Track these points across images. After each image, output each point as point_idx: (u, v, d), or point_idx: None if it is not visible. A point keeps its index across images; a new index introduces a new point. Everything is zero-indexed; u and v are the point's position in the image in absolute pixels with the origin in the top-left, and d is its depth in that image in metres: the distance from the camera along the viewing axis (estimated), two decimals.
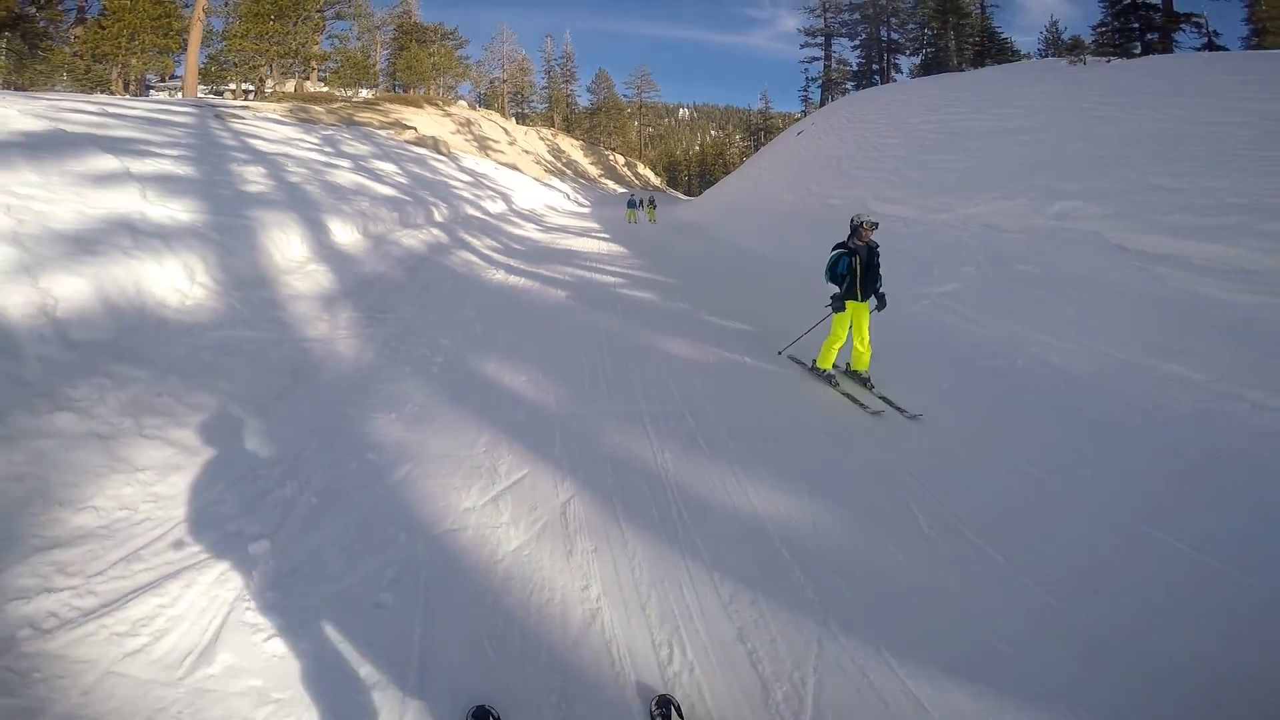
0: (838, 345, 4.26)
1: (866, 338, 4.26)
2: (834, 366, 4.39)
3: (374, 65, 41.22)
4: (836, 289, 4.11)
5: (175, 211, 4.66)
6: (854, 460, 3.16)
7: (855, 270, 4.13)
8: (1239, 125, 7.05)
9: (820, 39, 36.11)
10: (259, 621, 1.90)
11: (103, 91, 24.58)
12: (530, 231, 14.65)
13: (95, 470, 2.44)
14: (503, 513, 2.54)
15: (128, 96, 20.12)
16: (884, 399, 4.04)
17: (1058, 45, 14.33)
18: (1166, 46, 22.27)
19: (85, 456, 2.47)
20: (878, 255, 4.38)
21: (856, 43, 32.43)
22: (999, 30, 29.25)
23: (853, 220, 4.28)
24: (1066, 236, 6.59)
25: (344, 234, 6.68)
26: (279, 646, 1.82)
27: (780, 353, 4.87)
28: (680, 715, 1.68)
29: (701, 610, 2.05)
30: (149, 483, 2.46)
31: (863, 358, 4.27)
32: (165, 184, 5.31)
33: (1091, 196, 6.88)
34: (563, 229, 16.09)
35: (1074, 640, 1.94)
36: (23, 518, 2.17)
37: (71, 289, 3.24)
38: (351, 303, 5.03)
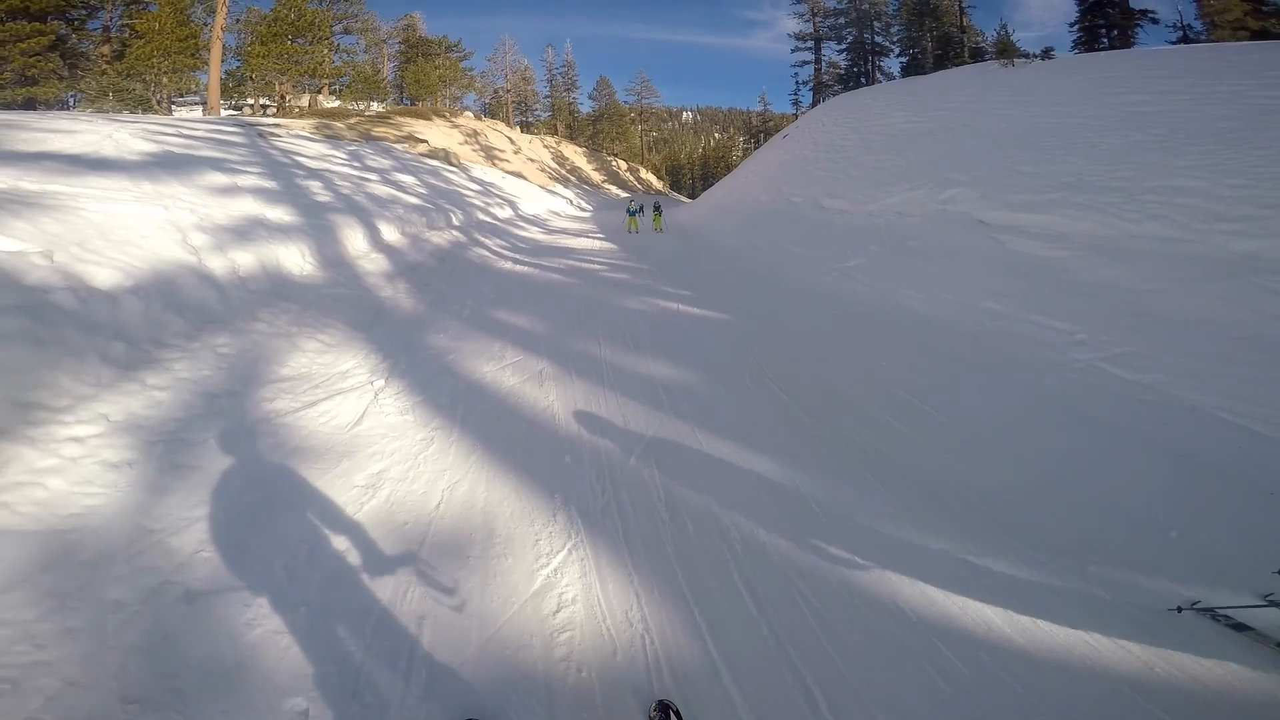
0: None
1: None
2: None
3: (383, 79, 43.63)
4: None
5: (280, 215, 6.80)
6: (724, 353, 5.15)
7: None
8: (1092, 117, 8.97)
9: (810, 43, 38.07)
10: (382, 409, 3.93)
11: (144, 110, 27.18)
12: (534, 233, 16.76)
13: (284, 350, 4.51)
14: (505, 372, 4.58)
15: (178, 116, 22.46)
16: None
17: (1005, 48, 16.08)
18: (1125, 42, 24.04)
19: (277, 343, 4.55)
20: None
21: (843, 46, 34.36)
22: (981, 32, 31.13)
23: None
24: (947, 217, 8.53)
25: (389, 233, 8.84)
26: (392, 420, 3.83)
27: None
28: (679, 718, 1.68)
29: (605, 404, 4.04)
30: (313, 357, 4.53)
31: None
32: (264, 194, 7.47)
33: (971, 183, 8.82)
34: (563, 231, 18.18)
35: (810, 431, 3.92)
36: (257, 369, 4.23)
37: (243, 260, 5.35)
38: (403, 278, 7.14)
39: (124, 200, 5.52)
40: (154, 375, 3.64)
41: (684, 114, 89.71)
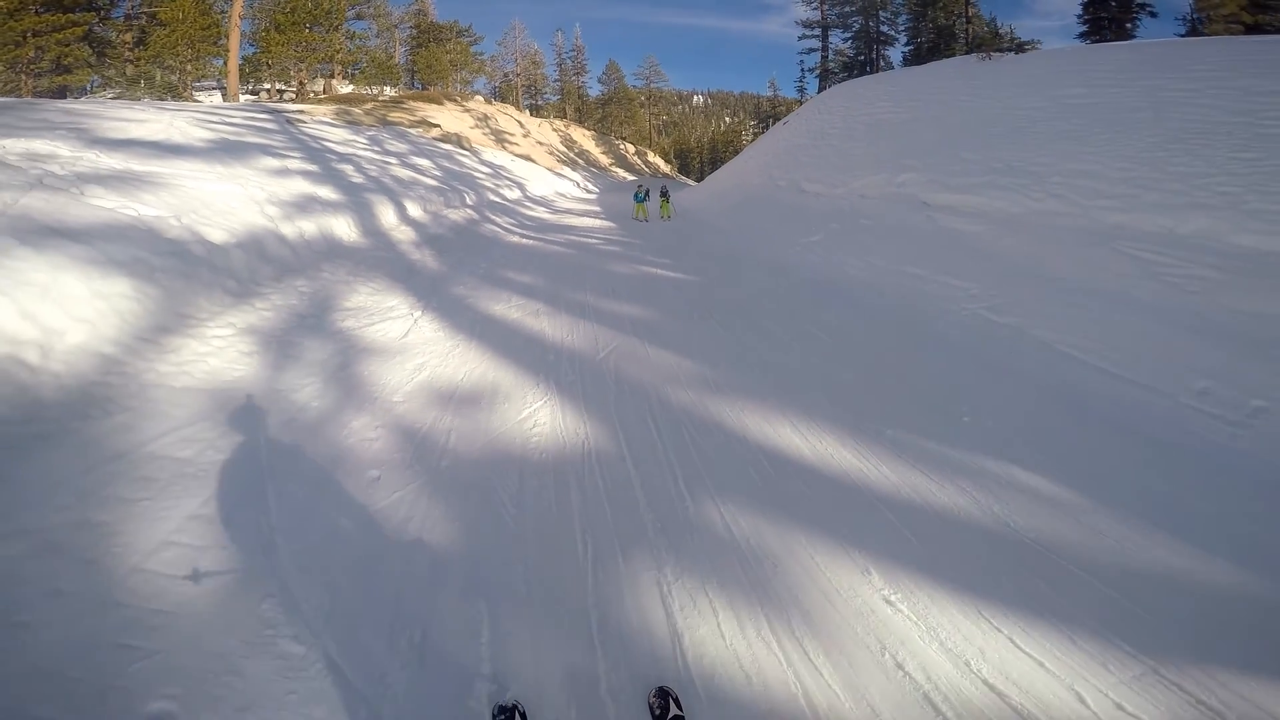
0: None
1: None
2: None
3: (396, 65, 44.82)
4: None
5: (327, 193, 8.30)
6: (683, 302, 6.57)
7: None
8: (1034, 109, 10.16)
9: (817, 30, 38.75)
10: (420, 329, 5.41)
11: (174, 97, 28.82)
12: (540, 213, 18.17)
13: (345, 292, 6.01)
14: (510, 310, 6.05)
15: (211, 103, 23.97)
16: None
17: (992, 40, 16.96)
18: (1122, 34, 24.74)
19: (339, 287, 6.05)
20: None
21: (849, 35, 35.07)
22: (993, 20, 31.70)
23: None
24: (898, 199, 9.83)
25: (413, 210, 10.32)
26: (428, 335, 5.31)
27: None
28: (679, 705, 1.75)
29: (584, 329, 5.49)
30: (366, 296, 6.03)
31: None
32: (311, 176, 8.97)
33: (922, 169, 10.08)
34: (568, 211, 19.58)
35: (728, 347, 5.34)
36: (329, 302, 5.73)
37: (306, 227, 6.85)
38: (428, 246, 8.64)
39: (210, 180, 7.03)
40: (259, 302, 5.15)
41: (695, 98, 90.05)
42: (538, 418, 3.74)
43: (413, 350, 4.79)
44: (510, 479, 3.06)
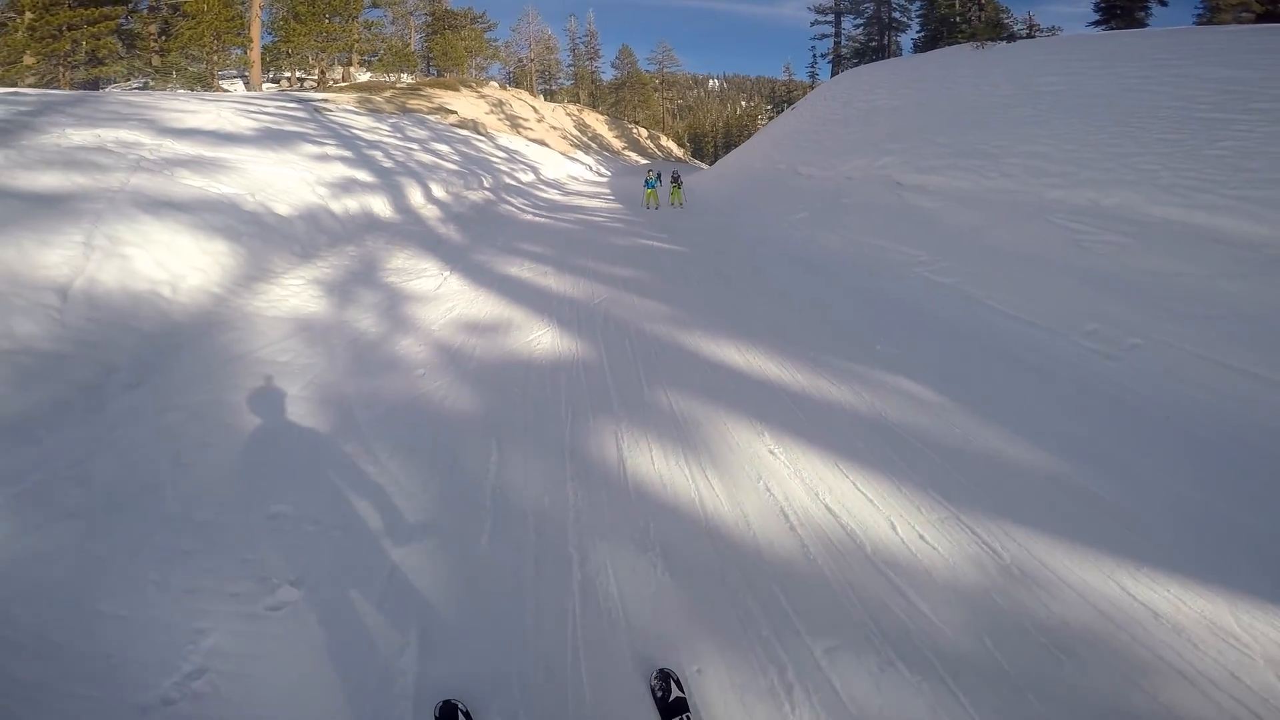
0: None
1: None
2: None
3: (413, 53, 45.94)
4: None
5: (364, 176, 9.55)
6: (671, 267, 7.71)
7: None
8: (1007, 96, 11.03)
9: (830, 16, 39.10)
10: (450, 283, 6.62)
11: (204, 87, 30.38)
12: (553, 195, 19.33)
13: (387, 257, 7.26)
14: (524, 271, 7.24)
15: (240, 93, 25.34)
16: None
17: (985, 30, 17.50)
18: (1130, 22, 25.04)
19: (381, 253, 7.30)
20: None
21: (860, 21, 35.47)
22: (1007, 9, 31.89)
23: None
24: (877, 180, 10.81)
25: (438, 192, 11.56)
26: (456, 288, 6.51)
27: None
28: (681, 688, 1.82)
29: (584, 285, 6.63)
30: (404, 260, 7.28)
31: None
32: (347, 161, 10.22)
33: (900, 153, 11.04)
34: (579, 193, 20.70)
35: (702, 298, 6.49)
36: (375, 263, 6.98)
37: (350, 204, 8.11)
38: (452, 222, 9.87)
39: (266, 164, 8.31)
40: (319, 262, 6.41)
41: (710, 82, 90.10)
42: (541, 340, 4.94)
43: (444, 298, 6.01)
44: (517, 374, 4.27)
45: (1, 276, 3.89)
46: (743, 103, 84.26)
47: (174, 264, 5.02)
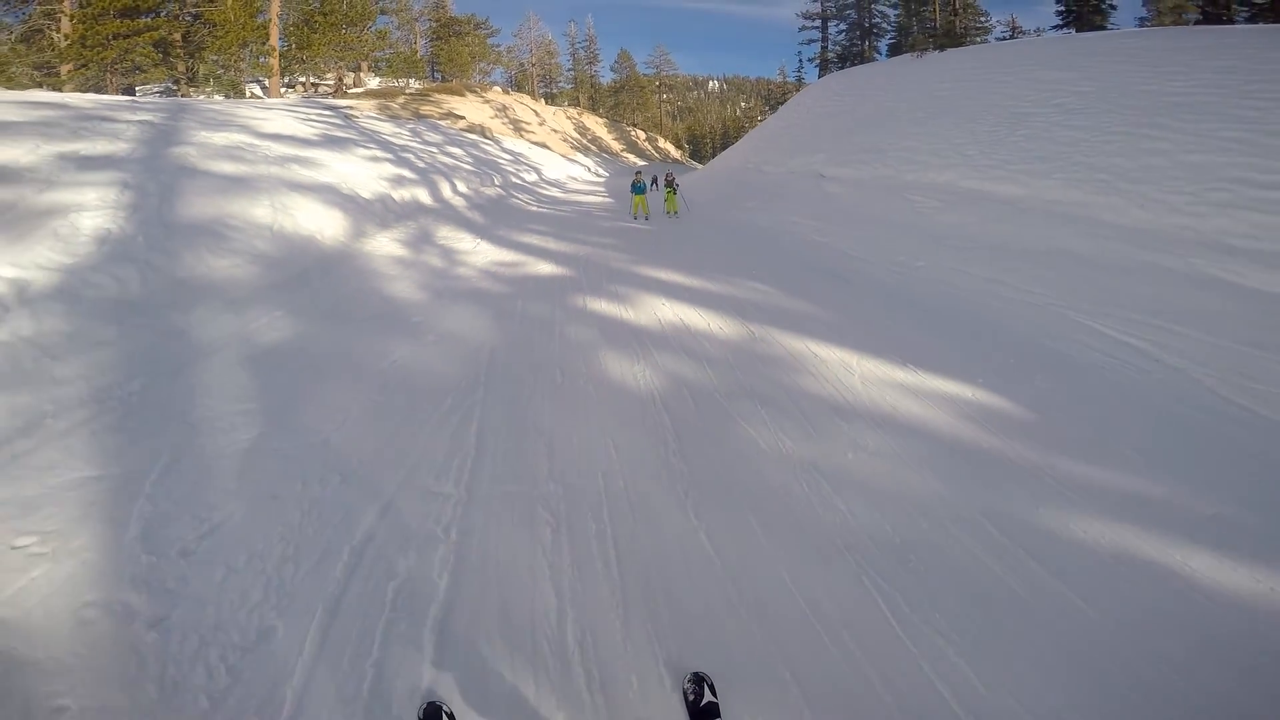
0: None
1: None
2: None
3: (421, 59, 49.48)
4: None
5: (407, 174, 12.97)
6: (639, 237, 11.05)
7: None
8: (911, 103, 14.35)
9: (818, 22, 42.57)
10: (481, 247, 9.97)
11: (235, 95, 34.04)
12: (554, 193, 22.76)
13: (434, 230, 10.66)
14: (531, 240, 10.62)
15: (272, 100, 28.93)
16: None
17: (922, 40, 20.68)
18: (1081, 25, 28.36)
19: (430, 227, 10.70)
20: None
21: (843, 26, 38.92)
22: (986, 14, 35.30)
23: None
24: (807, 173, 14.13)
25: (461, 187, 14.98)
26: (486, 248, 9.86)
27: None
28: (713, 692, 1.91)
29: (572, 249, 10.00)
30: (448, 232, 10.68)
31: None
32: (392, 161, 13.64)
33: (827, 151, 14.37)
34: (577, 191, 24.13)
35: (661, 254, 9.85)
36: (428, 234, 10.37)
37: (404, 194, 11.52)
38: (475, 210, 13.30)
39: (340, 163, 11.71)
40: (393, 230, 9.79)
41: (710, 83, 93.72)
42: (541, 269, 8.31)
43: (480, 251, 9.39)
44: (530, 280, 7.69)
45: (243, 220, 7.26)
46: (742, 104, 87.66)
47: (317, 222, 8.39)
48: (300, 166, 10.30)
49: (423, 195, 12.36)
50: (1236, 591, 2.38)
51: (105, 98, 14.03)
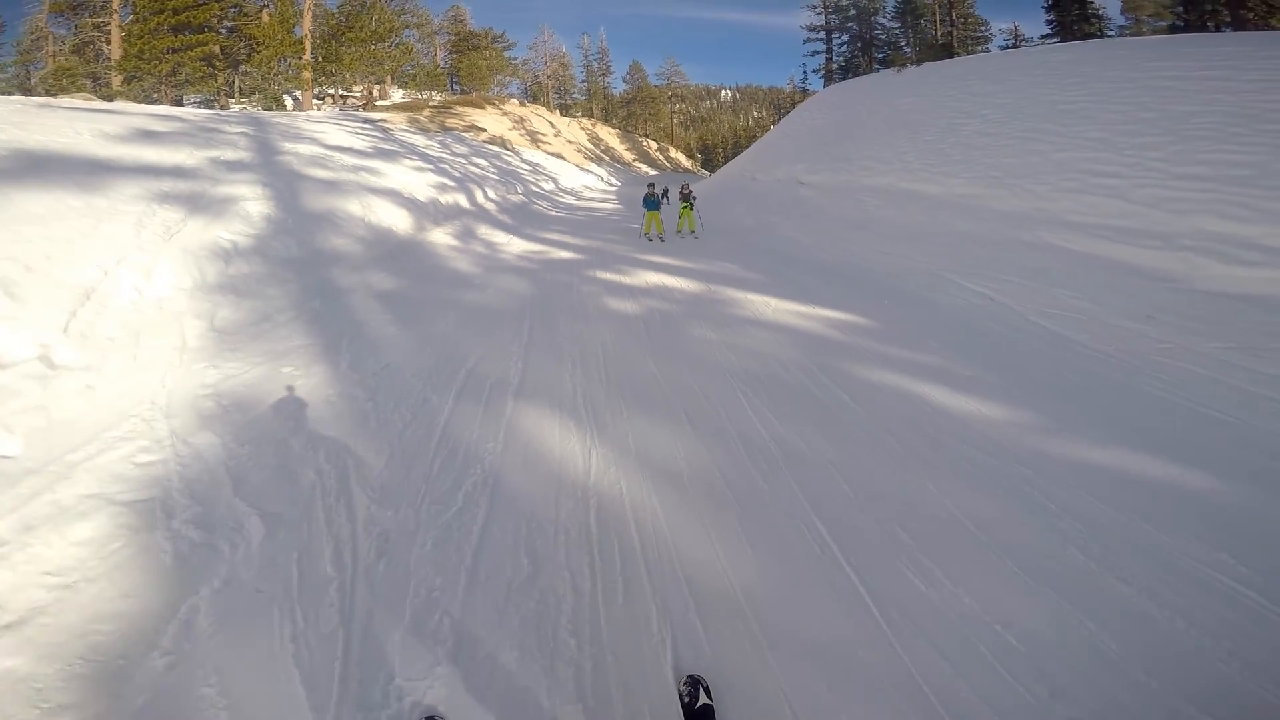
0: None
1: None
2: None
3: (442, 73, 52.84)
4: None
5: (447, 182, 15.80)
6: (646, 240, 13.71)
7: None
8: (875, 115, 16.89)
9: (822, 34, 45.33)
10: (514, 241, 12.69)
11: (279, 107, 37.50)
12: (570, 200, 25.59)
13: (476, 227, 13.44)
14: (553, 235, 13.34)
15: (312, 113, 32.31)
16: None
17: (899, 57, 23.08)
18: (1066, 36, 30.78)
19: (471, 225, 13.48)
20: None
21: (844, 39, 41.64)
22: (986, 22, 37.88)
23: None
24: (788, 180, 16.71)
25: (491, 194, 17.84)
26: (519, 241, 12.58)
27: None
28: (709, 694, 1.96)
29: (585, 244, 12.69)
30: (486, 230, 13.45)
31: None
32: (434, 171, 16.49)
33: (808, 160, 16.95)
34: (591, 199, 26.96)
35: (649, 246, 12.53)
36: (472, 231, 13.14)
37: (449, 199, 14.33)
38: (505, 214, 16.13)
39: (395, 171, 14.54)
40: (445, 227, 12.57)
41: (723, 92, 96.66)
42: (562, 255, 11.01)
43: (513, 245, 12.15)
44: (554, 262, 10.36)
45: (344, 213, 10.02)
46: (754, 113, 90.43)
47: (392, 218, 11.15)
48: (369, 174, 13.14)
49: (461, 200, 15.18)
50: (960, 408, 4.65)
51: (198, 111, 17.11)
